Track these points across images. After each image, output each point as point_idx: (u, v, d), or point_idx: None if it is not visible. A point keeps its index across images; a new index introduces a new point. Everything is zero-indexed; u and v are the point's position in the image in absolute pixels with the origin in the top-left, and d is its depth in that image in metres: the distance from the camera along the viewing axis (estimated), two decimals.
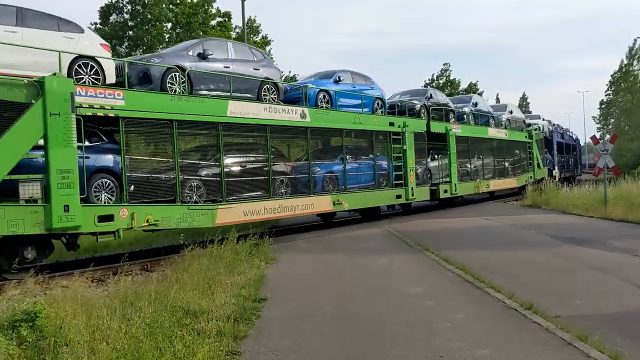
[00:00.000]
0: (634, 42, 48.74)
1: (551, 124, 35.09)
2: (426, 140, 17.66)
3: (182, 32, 32.39)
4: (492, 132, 22.89)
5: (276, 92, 12.71)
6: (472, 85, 52.67)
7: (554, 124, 36.50)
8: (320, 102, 14.00)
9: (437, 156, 19.14)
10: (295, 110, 12.95)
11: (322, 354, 4.86)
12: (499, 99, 63.06)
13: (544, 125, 32.29)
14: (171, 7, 32.58)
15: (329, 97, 14.26)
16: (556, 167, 32.11)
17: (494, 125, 23.53)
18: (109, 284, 8.36)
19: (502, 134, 23.87)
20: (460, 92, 47.06)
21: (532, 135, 26.61)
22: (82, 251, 11.01)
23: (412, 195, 16.33)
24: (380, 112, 16.15)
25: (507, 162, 24.25)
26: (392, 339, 5.16)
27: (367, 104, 15.62)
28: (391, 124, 16.06)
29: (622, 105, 49.83)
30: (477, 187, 20.93)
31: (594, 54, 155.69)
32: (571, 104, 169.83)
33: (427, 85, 50.23)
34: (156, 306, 5.77)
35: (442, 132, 18.66)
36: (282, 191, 12.67)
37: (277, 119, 12.43)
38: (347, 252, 10.68)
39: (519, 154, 25.68)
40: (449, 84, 48.94)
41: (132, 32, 31.23)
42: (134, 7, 31.92)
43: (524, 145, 26.05)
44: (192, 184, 10.85)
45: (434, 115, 18.73)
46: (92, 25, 29.65)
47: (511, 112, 26.93)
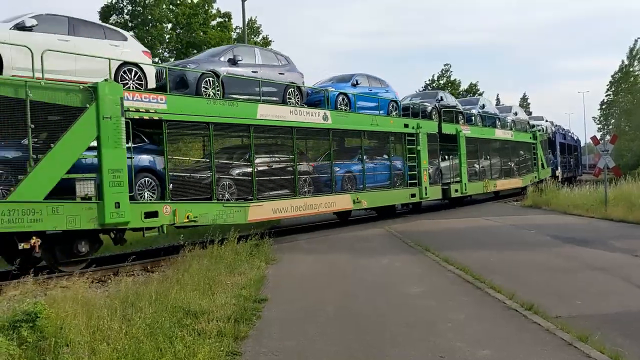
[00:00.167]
0: (635, 43, 50.12)
1: (554, 125, 36.45)
2: (438, 141, 18.78)
3: (182, 32, 33.21)
4: (498, 134, 24.11)
5: (300, 95, 13.74)
6: (473, 85, 53.97)
7: (556, 125, 37.86)
8: (339, 104, 15.06)
9: (447, 156, 20.23)
10: (318, 112, 13.99)
11: (323, 354, 4.96)
12: (499, 100, 64.41)
13: (547, 126, 33.66)
14: (171, 7, 33.34)
15: (347, 100, 15.32)
16: (559, 168, 33.38)
17: (500, 126, 24.73)
18: (109, 284, 8.64)
19: (508, 135, 25.08)
20: (460, 93, 48.34)
21: (537, 136, 27.85)
22: None
23: (425, 194, 17.39)
24: (394, 114, 17.25)
25: (512, 163, 25.45)
26: (392, 339, 5.27)
27: (382, 106, 16.72)
28: (406, 126, 17.17)
29: (623, 105, 50.90)
30: (486, 187, 22.11)
31: (594, 55, 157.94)
32: (571, 104, 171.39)
33: (427, 85, 51.54)
34: (157, 307, 5.90)
35: (452, 134, 19.77)
36: (305, 190, 13.68)
37: (302, 121, 13.46)
38: (348, 252, 10.93)
39: (524, 154, 26.88)
40: (450, 85, 50.17)
41: (132, 33, 31.88)
42: (134, 8, 32.64)
43: (528, 146, 27.27)
44: (225, 182, 11.82)
45: (445, 117, 19.86)
46: None
47: (516, 114, 28.25)
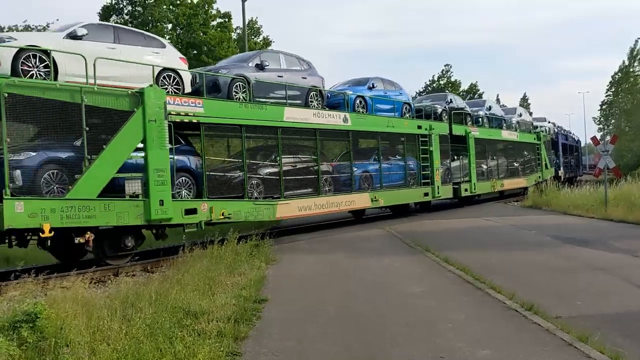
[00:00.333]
0: (635, 43, 51.21)
1: (556, 126, 37.92)
2: (449, 142, 20.00)
3: (182, 33, 34.08)
4: (504, 135, 25.45)
5: (321, 98, 14.83)
6: (473, 86, 55.43)
7: (558, 126, 39.33)
8: (357, 107, 16.17)
9: (456, 157, 21.42)
10: (338, 115, 15.12)
11: (323, 354, 5.09)
12: (499, 100, 65.86)
13: (550, 127, 35.11)
14: (171, 8, 34.19)
15: (364, 103, 16.44)
16: (562, 168, 34.79)
17: (505, 127, 26.06)
18: (109, 284, 8.93)
19: (514, 136, 26.43)
20: (460, 93, 49.65)
21: (541, 137, 29.22)
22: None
23: (437, 193, 18.59)
24: (408, 116, 18.45)
25: (517, 163, 26.77)
26: (393, 339, 5.39)
27: (397, 108, 17.92)
28: (419, 127, 18.38)
29: (623, 106, 52.06)
30: (493, 186, 23.44)
31: (594, 55, 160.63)
32: (571, 104, 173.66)
33: (427, 86, 52.88)
34: (157, 307, 6.02)
35: (462, 135, 21.03)
36: (326, 189, 14.76)
37: (324, 123, 14.58)
38: (349, 253, 11.31)
39: (528, 155, 28.22)
40: (450, 85, 51.54)
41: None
42: (134, 9, 33.47)
43: (532, 146, 28.63)
44: (253, 182, 12.87)
45: (454, 118, 21.06)
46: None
47: (520, 115, 29.67)
